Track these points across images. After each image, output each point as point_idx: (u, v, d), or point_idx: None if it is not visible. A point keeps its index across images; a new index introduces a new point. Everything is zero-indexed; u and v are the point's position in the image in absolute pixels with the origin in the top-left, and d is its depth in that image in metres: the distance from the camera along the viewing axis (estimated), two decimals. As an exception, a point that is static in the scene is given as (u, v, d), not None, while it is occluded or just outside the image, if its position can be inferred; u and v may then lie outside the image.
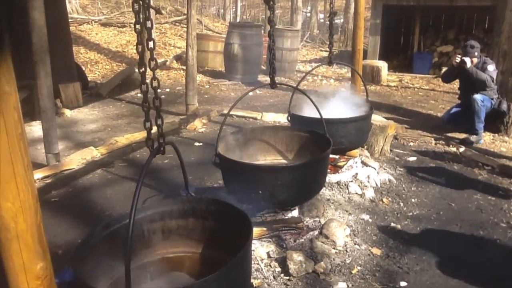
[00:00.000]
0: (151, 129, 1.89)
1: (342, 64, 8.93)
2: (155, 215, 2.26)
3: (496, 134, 5.86)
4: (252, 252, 2.79)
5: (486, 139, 5.68)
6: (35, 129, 5.65)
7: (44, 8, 4.20)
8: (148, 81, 1.90)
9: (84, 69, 9.15)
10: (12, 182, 1.17)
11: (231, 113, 6.31)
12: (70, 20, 11.27)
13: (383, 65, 9.76)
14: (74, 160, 4.56)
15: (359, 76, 4.57)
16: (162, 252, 2.28)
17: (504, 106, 5.70)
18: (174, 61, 11.28)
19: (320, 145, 3.19)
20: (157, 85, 1.91)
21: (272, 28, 2.93)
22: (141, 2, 1.76)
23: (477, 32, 11.64)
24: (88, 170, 4.44)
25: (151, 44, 1.82)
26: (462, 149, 5.21)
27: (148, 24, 1.81)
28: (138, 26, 1.83)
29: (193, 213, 2.28)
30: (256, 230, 2.92)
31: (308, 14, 22.02)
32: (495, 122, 5.88)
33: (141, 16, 1.81)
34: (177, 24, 15.16)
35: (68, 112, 6.66)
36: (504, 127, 5.88)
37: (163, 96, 8.00)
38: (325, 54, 12.97)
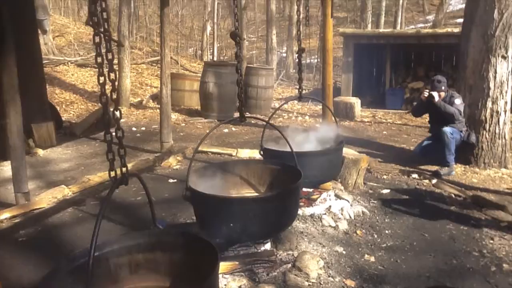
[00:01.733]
0: (114, 159, 1.87)
1: (312, 99, 9.09)
2: (122, 249, 2.21)
3: (467, 166, 5.98)
4: (224, 286, 2.74)
5: (458, 171, 5.78)
6: (6, 169, 5.53)
7: (15, 47, 4.21)
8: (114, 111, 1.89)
9: (58, 109, 9.09)
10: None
11: (206, 150, 6.39)
12: (46, 61, 11.30)
13: (356, 101, 9.97)
14: (45, 199, 4.47)
15: (329, 110, 4.66)
16: (130, 287, 2.22)
17: (473, 138, 5.85)
18: (150, 101, 11.32)
19: (291, 177, 3.20)
20: (119, 115, 1.89)
21: (239, 63, 2.99)
22: (101, 34, 1.78)
23: (445, 68, 12.04)
24: (58, 209, 4.34)
25: (112, 75, 1.83)
26: (434, 181, 5.29)
27: (110, 56, 1.82)
28: (99, 59, 1.85)
29: (160, 246, 2.24)
30: (228, 264, 2.88)
31: (284, 54, 22.51)
32: (465, 154, 6.02)
33: (102, 49, 1.83)
34: (153, 64, 15.30)
35: (41, 152, 6.56)
36: (474, 159, 6.01)
37: (138, 135, 7.99)
38: (305, 93, 13.19)
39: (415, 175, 5.54)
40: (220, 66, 9.87)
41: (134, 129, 8.46)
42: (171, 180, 5.28)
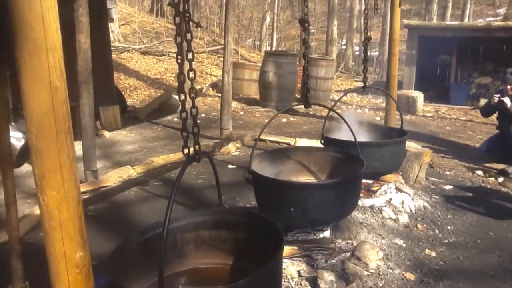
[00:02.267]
0: (188, 137, 1.94)
1: (376, 89, 8.90)
2: (189, 226, 2.29)
3: (537, 165, 5.68)
4: (283, 270, 2.78)
5: (526, 170, 5.50)
6: (76, 148, 5.83)
7: (89, 33, 4.43)
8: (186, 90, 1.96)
9: (123, 94, 9.46)
10: (57, 172, 1.24)
11: (265, 138, 6.44)
12: (112, 48, 11.77)
13: (419, 95, 9.68)
14: (111, 178, 4.69)
15: (394, 100, 4.56)
16: (194, 262, 2.30)
17: None
18: (210, 89, 11.53)
19: (353, 166, 3.18)
20: (195, 94, 1.95)
21: (307, 49, 2.99)
22: (181, 15, 1.84)
23: (516, 64, 11.41)
24: (124, 188, 4.55)
25: (190, 55, 1.89)
26: (501, 179, 5.07)
27: (188, 36, 1.88)
28: (178, 39, 1.91)
29: (225, 225, 2.30)
30: (287, 249, 2.92)
31: (344, 47, 22.17)
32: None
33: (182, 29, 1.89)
34: (214, 53, 15.54)
35: (107, 134, 6.88)
36: (545, 158, 5.69)
37: (198, 121, 8.15)
38: (360, 84, 12.96)
39: (480, 172, 5.33)
40: (281, 55, 9.88)
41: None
42: (230, 166, 5.38)
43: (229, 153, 5.92)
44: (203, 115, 8.74)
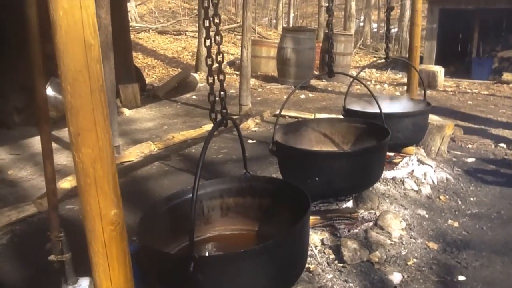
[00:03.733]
0: (215, 102, 1.96)
1: (398, 61, 8.74)
2: (215, 193, 2.33)
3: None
4: (307, 238, 2.81)
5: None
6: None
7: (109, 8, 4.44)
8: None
9: (142, 72, 9.51)
10: (92, 130, 1.26)
11: (284, 113, 6.43)
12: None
13: (439, 70, 9.52)
14: (133, 153, 4.75)
15: (416, 71, 4.50)
16: (220, 229, 2.34)
17: None
18: (228, 67, 11.50)
19: (377, 136, 3.16)
20: (222, 59, 1.96)
21: (330, 17, 2.96)
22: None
23: (541, 36, 11.13)
24: (146, 163, 4.61)
25: (218, 38, 1.94)
26: (525, 151, 5.00)
27: (216, 19, 1.91)
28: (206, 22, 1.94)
29: (250, 191, 2.32)
30: (311, 218, 2.93)
31: (362, 23, 21.81)
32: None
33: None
34: (230, 32, 15.47)
35: (127, 111, 6.94)
36: None
37: (216, 99, 8.17)
38: (379, 61, 12.77)
39: (503, 145, 5.25)
40: (299, 31, 9.78)
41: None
42: (250, 141, 5.40)
43: (249, 129, 5.93)
44: (221, 93, 8.74)
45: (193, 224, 1.64)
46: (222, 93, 1.98)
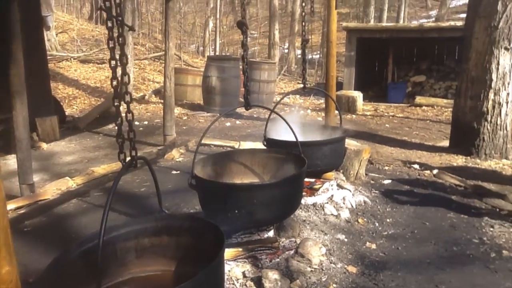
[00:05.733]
0: (124, 143, 1.92)
1: (316, 90, 9.10)
2: (129, 234, 2.25)
3: (469, 157, 6.01)
4: (228, 272, 2.79)
5: (459, 162, 5.82)
6: (11, 162, 5.59)
7: (21, 41, 4.26)
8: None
9: (62, 104, 9.15)
10: (-22, 184, 1.19)
11: (208, 142, 6.44)
12: (49, 57, 11.34)
13: (358, 95, 10.00)
14: (49, 191, 4.52)
15: (332, 100, 4.69)
16: (135, 271, 2.26)
17: None
18: (153, 95, 11.38)
19: (296, 165, 3.25)
20: (130, 99, 1.93)
21: (245, 51, 3.03)
22: (114, 19, 1.82)
23: (448, 62, 12.07)
24: (63, 200, 4.40)
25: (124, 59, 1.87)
26: (435, 171, 5.32)
27: (121, 40, 1.86)
28: (111, 43, 1.89)
29: (166, 231, 2.28)
30: (232, 251, 2.93)
31: (286, 50, 22.53)
32: (467, 145, 6.08)
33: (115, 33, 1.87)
34: (156, 60, 15.35)
35: (44, 146, 6.63)
36: (475, 150, 6.05)
37: (141, 129, 8.05)
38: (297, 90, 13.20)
39: (416, 166, 5.57)
40: (223, 60, 9.91)
41: (136, 123, 8.52)
42: (174, 172, 5.33)
43: (173, 159, 5.87)
44: (146, 122, 8.61)
45: (100, 271, 1.58)
46: (131, 133, 1.93)
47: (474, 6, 6.13)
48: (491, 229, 3.80)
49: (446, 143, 6.75)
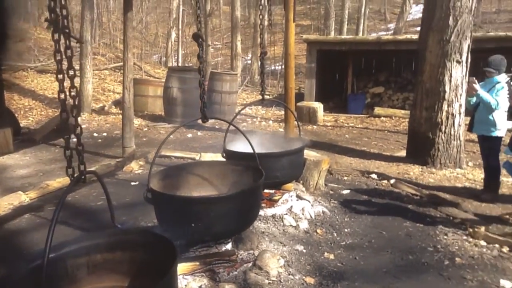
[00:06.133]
0: (72, 156, 1.87)
1: (275, 102, 9.17)
2: (80, 250, 2.19)
3: (424, 167, 6.19)
4: (184, 287, 2.75)
5: (416, 171, 5.97)
6: (-40, 176, 5.37)
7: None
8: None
9: (17, 115, 8.86)
10: None
11: (169, 154, 6.37)
12: (3, 67, 10.97)
13: (319, 106, 10.14)
14: (0, 206, 4.35)
15: (291, 112, 4.73)
16: (87, 288, 2.20)
17: None
18: (113, 106, 11.19)
19: (254, 177, 3.25)
20: (77, 112, 1.88)
21: (202, 64, 3.02)
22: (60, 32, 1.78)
23: (405, 74, 12.42)
24: (15, 216, 4.23)
25: (71, 72, 1.83)
26: (393, 181, 5.44)
27: (69, 52, 1.82)
28: (58, 56, 1.84)
29: (119, 246, 2.23)
30: (189, 265, 2.89)
31: (249, 61, 22.65)
32: (423, 155, 6.26)
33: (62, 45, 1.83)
34: (117, 70, 15.11)
35: (-3, 159, 6.39)
36: (431, 160, 6.23)
37: (99, 141, 7.88)
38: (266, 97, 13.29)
39: (374, 176, 5.68)
40: (185, 71, 9.86)
41: (95, 134, 8.33)
42: (133, 183, 5.24)
43: (132, 172, 5.77)
44: (105, 134, 8.44)
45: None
46: (79, 147, 1.88)
47: (428, 20, 6.35)
48: (445, 237, 3.90)
49: (403, 153, 6.93)
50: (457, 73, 6.16)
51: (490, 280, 3.19)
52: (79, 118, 1.94)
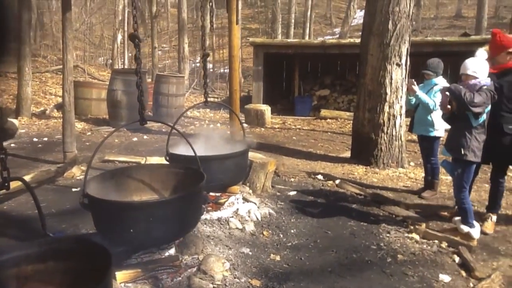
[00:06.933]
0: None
1: (219, 105, 9.14)
2: (8, 261, 2.05)
3: (368, 167, 6.34)
4: (125, 295, 2.66)
5: (360, 171, 6.11)
6: None
7: None
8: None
9: None
10: None
11: (113, 158, 6.19)
12: None
13: (266, 108, 10.20)
14: None
15: (235, 114, 4.71)
16: (16, 302, 2.07)
17: None
18: (55, 110, 10.77)
19: (195, 180, 3.18)
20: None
21: (139, 65, 2.94)
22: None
23: (349, 77, 12.73)
24: None
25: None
26: (338, 181, 5.53)
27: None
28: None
29: (52, 255, 2.11)
30: (130, 272, 2.80)
31: (197, 64, 22.49)
32: (367, 155, 6.41)
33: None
34: (59, 73, 14.55)
35: None
36: (374, 160, 6.39)
37: (40, 145, 7.54)
38: (214, 99, 13.25)
39: (320, 177, 5.76)
40: (129, 73, 9.61)
41: (35, 139, 7.96)
42: (74, 189, 5.03)
43: (74, 177, 5.54)
44: (45, 139, 8.08)
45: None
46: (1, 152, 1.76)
47: (369, 24, 6.52)
48: (388, 234, 4.00)
49: (348, 154, 7.08)
50: (397, 76, 6.35)
51: (430, 275, 3.29)
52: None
